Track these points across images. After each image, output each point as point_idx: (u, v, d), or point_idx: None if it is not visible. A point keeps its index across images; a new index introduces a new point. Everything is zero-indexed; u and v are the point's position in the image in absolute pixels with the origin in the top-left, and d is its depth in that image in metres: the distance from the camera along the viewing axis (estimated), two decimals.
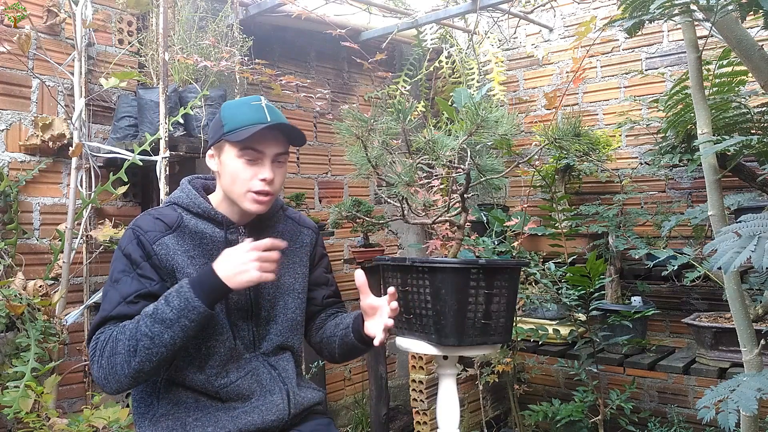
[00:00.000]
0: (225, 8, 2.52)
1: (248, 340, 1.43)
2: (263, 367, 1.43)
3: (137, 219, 1.42)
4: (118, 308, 1.31)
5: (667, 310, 2.93)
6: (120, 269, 1.35)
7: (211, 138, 1.45)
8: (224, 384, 1.37)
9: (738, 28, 1.42)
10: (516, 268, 1.66)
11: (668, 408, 2.91)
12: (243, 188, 1.38)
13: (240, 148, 1.37)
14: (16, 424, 1.86)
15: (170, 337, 1.24)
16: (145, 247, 1.34)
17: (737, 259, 1.05)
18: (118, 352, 1.26)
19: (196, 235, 1.40)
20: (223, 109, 1.44)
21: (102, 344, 1.28)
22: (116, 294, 1.33)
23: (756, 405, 1.13)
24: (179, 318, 1.24)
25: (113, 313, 1.31)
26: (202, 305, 1.26)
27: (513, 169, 1.81)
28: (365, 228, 2.62)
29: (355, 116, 1.58)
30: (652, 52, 3.03)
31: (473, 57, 3.21)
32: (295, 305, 1.50)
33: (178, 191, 1.47)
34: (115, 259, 1.38)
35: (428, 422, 2.74)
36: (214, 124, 1.44)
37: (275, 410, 1.39)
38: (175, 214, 1.41)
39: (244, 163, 1.37)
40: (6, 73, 2.12)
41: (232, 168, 1.38)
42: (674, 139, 2.42)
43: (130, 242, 1.36)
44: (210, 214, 1.42)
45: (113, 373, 1.26)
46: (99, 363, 1.28)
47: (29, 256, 2.14)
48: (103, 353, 1.27)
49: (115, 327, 1.29)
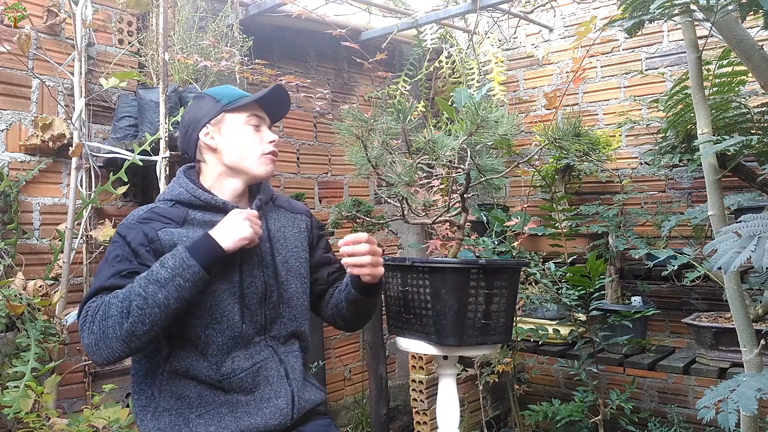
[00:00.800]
0: (225, 8, 2.52)
1: (260, 323, 1.42)
2: (272, 361, 1.42)
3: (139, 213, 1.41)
4: (111, 280, 1.30)
5: (667, 310, 2.93)
6: (117, 253, 1.34)
7: (203, 118, 1.47)
8: (229, 373, 1.36)
9: (738, 28, 1.42)
10: (516, 268, 1.66)
11: (668, 408, 2.91)
12: (256, 152, 1.45)
13: (246, 113, 1.46)
14: (16, 424, 1.86)
15: (164, 297, 1.23)
16: (148, 235, 1.34)
17: (737, 259, 1.05)
18: (110, 316, 1.23)
19: (206, 224, 1.41)
20: (206, 92, 1.51)
21: (93, 310, 1.26)
22: (111, 269, 1.31)
23: (756, 405, 1.13)
24: (173, 277, 1.24)
25: (106, 284, 1.29)
26: (197, 264, 1.26)
27: (513, 169, 1.81)
28: (365, 228, 2.62)
29: (355, 116, 1.58)
30: (652, 52, 3.03)
31: (473, 57, 3.21)
32: (302, 289, 1.53)
33: (177, 186, 1.46)
34: (113, 242, 1.37)
35: (428, 422, 2.74)
36: (202, 105, 1.49)
37: (279, 415, 1.38)
38: (179, 211, 1.41)
39: (252, 129, 1.46)
40: (6, 73, 2.12)
41: (240, 136, 1.45)
42: (674, 139, 2.42)
43: (132, 230, 1.36)
44: (212, 203, 1.43)
45: (104, 338, 1.23)
46: (90, 329, 1.24)
47: (29, 256, 2.14)
48: (95, 319, 1.24)
49: (108, 295, 1.28)
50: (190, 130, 1.48)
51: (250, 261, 1.42)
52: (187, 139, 1.49)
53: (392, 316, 1.69)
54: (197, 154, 1.50)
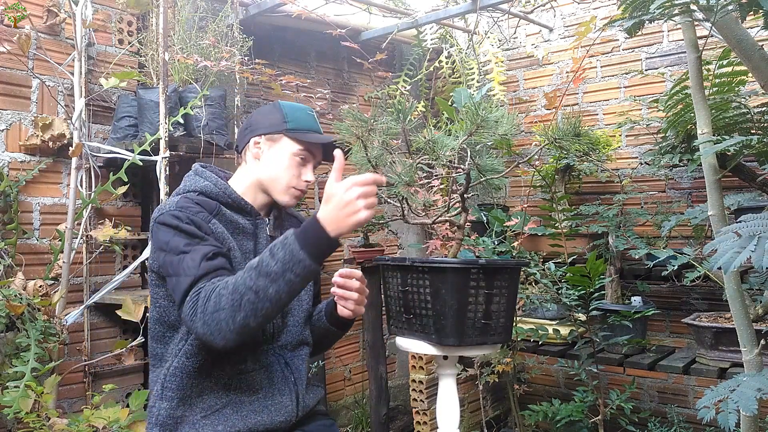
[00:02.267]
0: (225, 8, 2.52)
1: (268, 333, 1.44)
2: (277, 364, 1.43)
3: (177, 202, 1.36)
4: (203, 265, 1.26)
5: (667, 310, 2.93)
6: (185, 243, 1.30)
7: (263, 127, 1.47)
8: (237, 372, 1.37)
9: (738, 28, 1.42)
10: (516, 268, 1.66)
11: (668, 408, 2.91)
12: (288, 183, 1.45)
13: (302, 147, 1.46)
14: (16, 424, 1.86)
15: (275, 292, 1.19)
16: (202, 227, 1.33)
17: (737, 259, 1.05)
18: (221, 308, 1.20)
19: (231, 225, 1.41)
20: (282, 105, 1.50)
21: (204, 300, 1.22)
22: (194, 256, 1.27)
23: (756, 405, 1.13)
24: (284, 272, 1.18)
25: (200, 272, 1.26)
26: (308, 258, 1.18)
27: (513, 169, 1.81)
28: (365, 228, 2.62)
29: (355, 116, 1.58)
30: (652, 52, 3.03)
31: (473, 57, 3.21)
32: (308, 297, 1.55)
33: (201, 179, 1.44)
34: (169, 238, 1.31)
35: (428, 422, 2.74)
36: (270, 115, 1.48)
37: (284, 411, 1.40)
38: (211, 202, 1.40)
39: (298, 161, 1.46)
40: (6, 73, 2.12)
41: (283, 162, 1.45)
42: (674, 139, 2.42)
43: (182, 221, 1.32)
44: (240, 204, 1.44)
45: (218, 330, 1.21)
46: (203, 320, 1.22)
47: (29, 256, 2.14)
48: (206, 309, 1.21)
49: (216, 281, 1.24)
50: (249, 130, 1.50)
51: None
52: (243, 135, 1.51)
53: (392, 316, 1.69)
54: (243, 153, 1.51)
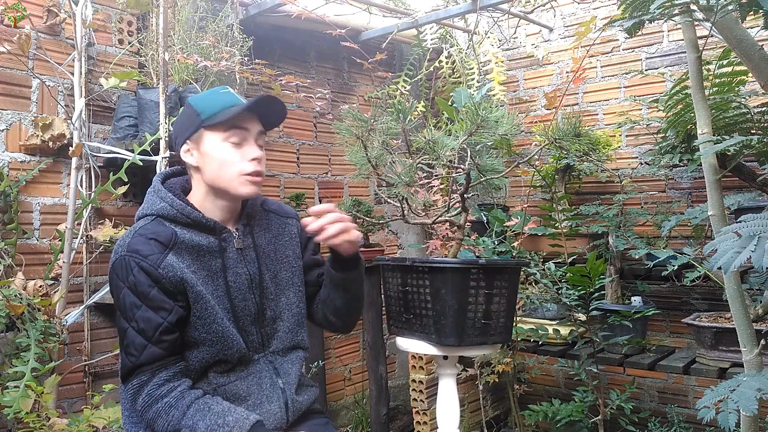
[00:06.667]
0: (225, 8, 2.52)
1: (257, 342, 1.41)
2: (266, 371, 1.41)
3: (129, 243, 1.30)
4: (146, 352, 1.26)
5: (667, 310, 2.93)
6: (129, 303, 1.28)
7: (183, 132, 1.39)
8: (222, 382, 1.35)
9: (738, 28, 1.42)
10: (516, 268, 1.66)
11: (668, 408, 2.91)
12: (234, 172, 1.35)
13: (225, 129, 1.34)
14: (16, 424, 1.86)
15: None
16: (151, 274, 1.27)
17: (737, 259, 1.05)
18: (155, 427, 1.25)
19: (193, 250, 1.34)
20: (191, 101, 1.40)
21: (142, 405, 1.26)
22: (137, 336, 1.27)
23: (756, 405, 1.13)
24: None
25: (143, 360, 1.26)
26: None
27: (513, 169, 1.81)
28: (365, 228, 2.62)
29: (355, 116, 1.58)
30: (652, 52, 3.03)
31: (473, 57, 3.21)
32: (297, 299, 1.50)
33: (158, 200, 1.37)
34: (119, 292, 1.30)
35: (428, 422, 2.74)
36: (185, 117, 1.40)
37: (273, 419, 1.38)
38: (167, 230, 1.32)
39: (231, 146, 1.35)
40: (6, 73, 2.12)
41: (218, 154, 1.35)
42: (674, 139, 2.42)
43: (131, 272, 1.28)
44: (201, 222, 1.36)
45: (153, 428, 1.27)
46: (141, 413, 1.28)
47: (29, 256, 2.14)
48: (144, 414, 1.27)
49: (157, 388, 1.27)
50: (176, 142, 1.41)
51: (240, 286, 1.39)
52: (176, 149, 1.43)
53: (392, 316, 1.69)
54: (187, 167, 1.44)
